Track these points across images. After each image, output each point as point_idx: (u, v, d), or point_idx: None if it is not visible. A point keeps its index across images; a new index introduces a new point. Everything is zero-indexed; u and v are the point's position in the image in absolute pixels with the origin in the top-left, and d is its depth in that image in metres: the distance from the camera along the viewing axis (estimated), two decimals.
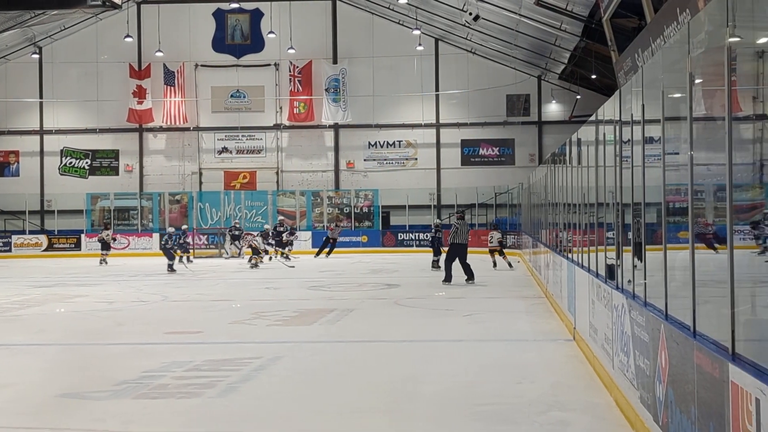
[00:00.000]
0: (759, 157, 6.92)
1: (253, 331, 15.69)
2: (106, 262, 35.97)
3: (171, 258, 31.10)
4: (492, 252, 30.74)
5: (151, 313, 19.09)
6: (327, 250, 38.71)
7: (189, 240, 35.64)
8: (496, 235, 30.89)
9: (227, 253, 39.40)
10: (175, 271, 30.42)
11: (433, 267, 29.75)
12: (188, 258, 34.69)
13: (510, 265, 30.15)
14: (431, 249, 30.97)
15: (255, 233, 36.61)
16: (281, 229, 37.29)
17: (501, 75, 45.15)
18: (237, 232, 39.25)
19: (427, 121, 46.37)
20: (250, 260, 33.29)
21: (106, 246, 36.98)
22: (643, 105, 8.08)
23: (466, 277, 24.33)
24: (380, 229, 44.70)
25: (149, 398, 10.03)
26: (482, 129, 46.11)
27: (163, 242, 33.19)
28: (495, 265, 30.10)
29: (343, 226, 42.73)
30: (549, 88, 45.54)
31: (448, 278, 24.16)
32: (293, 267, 32.21)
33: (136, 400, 9.92)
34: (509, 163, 46.06)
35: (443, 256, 26.10)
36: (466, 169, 46.34)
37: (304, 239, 42.44)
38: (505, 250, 31.44)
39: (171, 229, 33.51)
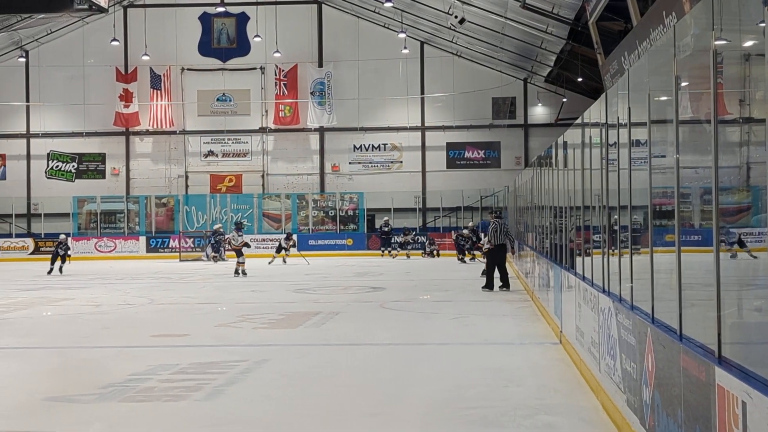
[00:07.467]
0: (746, 160, 6.94)
1: (238, 334, 15.66)
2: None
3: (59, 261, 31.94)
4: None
5: (137, 316, 19.04)
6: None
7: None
8: None
9: (206, 257, 39.32)
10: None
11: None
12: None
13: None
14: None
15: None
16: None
17: (487, 78, 45.17)
18: (219, 237, 39.09)
19: (412, 124, 46.35)
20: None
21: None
22: (629, 108, 8.08)
23: (500, 284, 22.49)
24: (365, 232, 44.67)
25: (135, 401, 10.00)
26: (468, 132, 46.11)
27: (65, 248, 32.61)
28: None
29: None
30: (535, 91, 45.57)
31: (489, 285, 22.49)
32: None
33: (123, 403, 9.90)
34: (495, 166, 46.07)
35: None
36: (452, 171, 46.33)
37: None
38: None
39: (62, 236, 33.43)
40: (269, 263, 36.13)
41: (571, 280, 12.35)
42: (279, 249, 37.05)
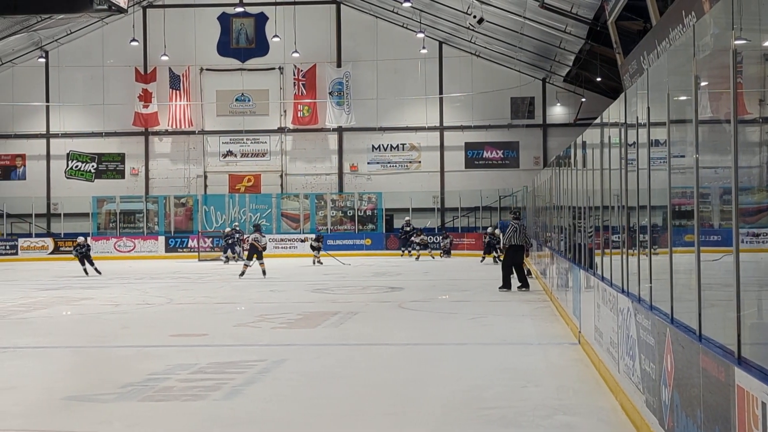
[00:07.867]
0: (765, 160, 6.91)
1: (257, 334, 15.69)
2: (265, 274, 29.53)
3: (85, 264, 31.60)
4: None
5: (156, 315, 19.11)
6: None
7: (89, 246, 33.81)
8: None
9: (224, 258, 39.23)
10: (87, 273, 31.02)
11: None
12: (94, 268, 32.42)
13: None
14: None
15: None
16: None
17: (505, 78, 45.09)
18: (237, 235, 38.98)
19: (430, 124, 46.32)
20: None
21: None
22: (648, 108, 8.06)
23: (519, 284, 22.49)
24: (383, 232, 44.68)
25: (155, 401, 10.03)
26: (486, 132, 46.05)
27: (83, 249, 32.32)
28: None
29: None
30: (554, 91, 45.46)
31: (506, 285, 22.42)
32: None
33: (142, 403, 9.93)
34: (513, 166, 45.99)
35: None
36: (470, 171, 46.25)
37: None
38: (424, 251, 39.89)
39: (81, 238, 33.30)
40: (314, 263, 36.09)
41: (590, 281, 12.32)
42: (314, 249, 36.89)
